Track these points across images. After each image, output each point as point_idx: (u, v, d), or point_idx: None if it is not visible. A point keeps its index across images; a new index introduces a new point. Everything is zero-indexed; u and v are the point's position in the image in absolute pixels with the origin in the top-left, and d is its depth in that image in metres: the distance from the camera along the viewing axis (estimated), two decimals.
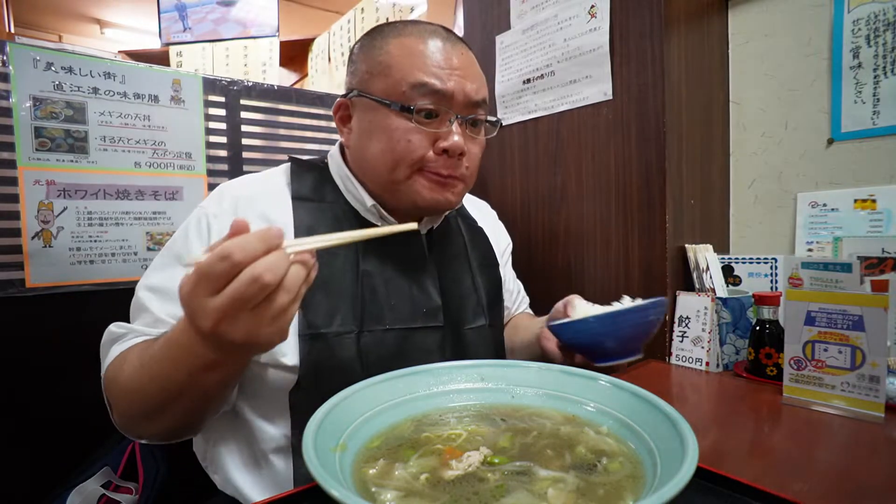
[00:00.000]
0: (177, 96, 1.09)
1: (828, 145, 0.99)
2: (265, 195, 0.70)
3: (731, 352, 0.91)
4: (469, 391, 0.53)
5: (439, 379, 0.53)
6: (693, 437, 0.36)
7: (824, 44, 0.98)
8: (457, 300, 0.75)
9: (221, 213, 0.67)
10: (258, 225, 0.65)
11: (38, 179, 0.94)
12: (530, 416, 0.49)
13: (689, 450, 0.35)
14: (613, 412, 0.47)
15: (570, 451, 0.43)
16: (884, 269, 0.87)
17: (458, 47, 0.69)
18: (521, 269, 1.24)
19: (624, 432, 0.44)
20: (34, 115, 0.93)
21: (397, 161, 0.66)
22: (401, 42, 0.67)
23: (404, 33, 0.68)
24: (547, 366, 0.55)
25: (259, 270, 0.40)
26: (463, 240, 0.82)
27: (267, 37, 2.03)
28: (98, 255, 1.01)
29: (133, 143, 1.04)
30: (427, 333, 0.70)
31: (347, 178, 0.72)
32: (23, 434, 0.95)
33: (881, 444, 0.59)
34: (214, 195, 0.70)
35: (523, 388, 0.53)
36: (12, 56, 0.91)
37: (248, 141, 1.18)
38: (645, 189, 0.98)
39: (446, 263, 0.77)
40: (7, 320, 0.92)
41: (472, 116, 0.68)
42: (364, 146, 0.69)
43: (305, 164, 0.75)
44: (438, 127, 0.66)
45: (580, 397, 0.50)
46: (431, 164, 0.66)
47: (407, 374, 0.52)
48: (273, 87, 1.23)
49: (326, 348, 0.62)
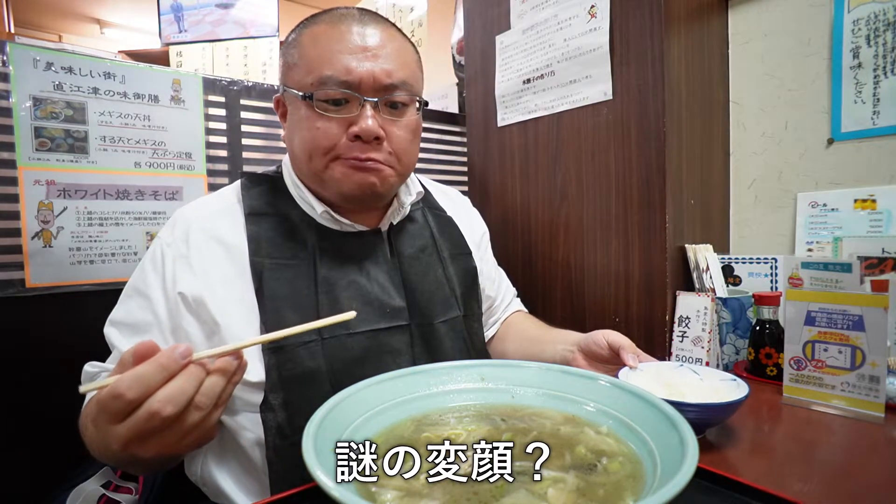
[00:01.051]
0: (177, 96, 1.08)
1: (828, 145, 0.99)
2: (217, 216, 0.69)
3: (731, 352, 0.91)
4: (469, 391, 0.53)
5: (439, 379, 0.53)
6: (693, 437, 0.36)
7: (824, 44, 0.98)
8: (425, 295, 0.73)
9: (174, 242, 0.66)
10: (211, 248, 0.66)
11: (38, 179, 0.94)
12: (530, 416, 0.49)
13: (689, 450, 0.35)
14: (614, 412, 0.47)
15: (570, 451, 0.43)
16: (884, 269, 0.87)
17: (370, 28, 0.66)
18: (520, 269, 1.24)
19: (624, 432, 0.44)
20: (34, 115, 0.93)
21: (311, 150, 0.65)
22: (311, 31, 0.66)
23: (316, 21, 0.67)
24: (547, 366, 0.55)
25: (156, 406, 0.40)
26: (430, 231, 0.80)
27: (267, 37, 2.03)
28: (98, 255, 1.00)
29: (133, 143, 1.04)
30: (392, 333, 0.68)
31: (296, 185, 0.71)
32: (23, 434, 0.95)
33: (881, 444, 0.59)
34: (169, 223, 0.70)
35: (523, 388, 0.53)
36: (12, 56, 0.91)
37: (248, 141, 1.18)
38: (645, 189, 0.98)
39: (412, 258, 0.75)
40: (7, 320, 0.92)
41: (386, 98, 0.65)
42: (292, 139, 0.69)
43: (256, 178, 0.74)
44: (349, 112, 0.64)
45: (580, 397, 0.50)
46: (346, 151, 0.65)
47: (406, 375, 0.52)
48: (273, 86, 1.23)
49: (290, 359, 0.61)
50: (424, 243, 0.78)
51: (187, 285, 0.63)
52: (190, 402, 0.41)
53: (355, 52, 0.64)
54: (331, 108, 0.64)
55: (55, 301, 0.96)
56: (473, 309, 0.82)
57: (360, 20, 0.66)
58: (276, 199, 0.71)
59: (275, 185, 0.73)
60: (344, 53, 0.64)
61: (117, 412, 0.40)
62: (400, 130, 0.68)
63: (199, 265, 0.64)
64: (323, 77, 0.63)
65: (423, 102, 0.71)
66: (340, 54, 0.63)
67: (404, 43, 0.70)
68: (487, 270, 0.92)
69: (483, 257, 0.93)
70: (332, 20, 0.66)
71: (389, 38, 0.67)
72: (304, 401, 0.59)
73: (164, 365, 0.41)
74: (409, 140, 0.70)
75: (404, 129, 0.69)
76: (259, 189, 0.72)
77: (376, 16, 0.69)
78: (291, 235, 0.68)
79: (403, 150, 0.69)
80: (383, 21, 0.69)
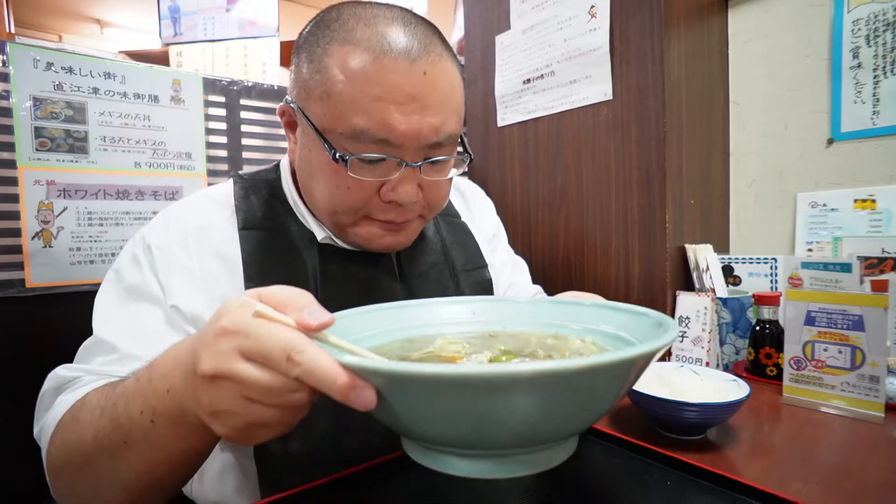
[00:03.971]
0: (177, 96, 1.09)
1: (828, 145, 0.99)
2: (215, 225, 0.61)
3: (731, 352, 0.91)
4: (461, 322, 0.52)
5: (429, 311, 0.52)
6: (675, 323, 0.38)
7: (824, 44, 0.98)
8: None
9: (168, 245, 0.58)
10: (212, 263, 0.58)
11: (38, 179, 0.94)
12: (518, 336, 0.50)
13: (669, 327, 0.37)
14: (600, 329, 0.47)
15: (558, 354, 0.44)
16: (884, 269, 0.87)
17: (420, 61, 0.52)
18: None
19: (609, 341, 0.45)
20: (34, 115, 0.93)
21: (337, 206, 0.57)
22: (343, 57, 0.52)
23: (350, 40, 0.52)
24: (537, 299, 0.55)
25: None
26: (442, 244, 0.74)
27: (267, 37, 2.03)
28: (98, 255, 1.01)
29: (133, 143, 1.04)
30: None
31: (296, 204, 0.64)
32: (23, 434, 0.95)
33: (881, 444, 0.59)
34: (158, 223, 0.61)
35: (515, 318, 0.53)
36: (12, 56, 0.91)
37: (248, 141, 1.18)
38: (645, 189, 0.98)
39: (421, 276, 0.69)
40: (7, 320, 0.92)
41: (429, 159, 0.56)
42: (307, 173, 0.60)
43: (251, 184, 0.65)
44: (385, 174, 0.55)
45: (568, 320, 0.50)
46: (379, 213, 0.57)
47: (395, 307, 0.50)
48: (273, 87, 1.23)
49: None
50: (435, 259, 0.72)
51: (186, 299, 0.56)
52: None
53: (400, 103, 0.51)
54: (365, 166, 0.54)
55: (55, 301, 0.96)
56: None
57: (408, 49, 0.52)
58: (272, 209, 0.63)
59: (272, 192, 0.65)
60: (386, 102, 0.51)
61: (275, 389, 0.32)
62: (439, 184, 0.60)
63: (200, 279, 0.57)
64: (357, 130, 0.52)
65: (470, 158, 0.61)
66: (381, 102, 0.51)
67: (454, 75, 0.57)
68: (500, 262, 0.86)
69: (496, 248, 0.87)
70: (373, 48, 0.51)
71: (441, 75, 0.54)
72: (302, 433, 0.54)
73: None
74: (446, 191, 0.62)
75: (444, 182, 0.61)
76: (256, 197, 0.64)
77: (426, 34, 0.55)
78: (290, 257, 0.61)
79: (439, 200, 0.62)
80: (433, 43, 0.55)
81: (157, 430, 0.38)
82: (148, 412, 0.38)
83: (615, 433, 0.56)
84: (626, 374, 0.33)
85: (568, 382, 0.29)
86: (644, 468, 0.50)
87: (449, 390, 0.29)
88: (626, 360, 0.29)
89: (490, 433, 0.32)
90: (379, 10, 0.55)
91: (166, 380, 0.38)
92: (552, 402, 0.30)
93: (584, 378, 0.29)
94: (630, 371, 0.32)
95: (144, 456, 0.40)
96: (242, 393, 0.32)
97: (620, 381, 0.33)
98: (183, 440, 0.39)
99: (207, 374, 0.32)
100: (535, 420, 0.31)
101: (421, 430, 0.34)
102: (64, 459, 0.45)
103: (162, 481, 0.43)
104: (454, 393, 0.29)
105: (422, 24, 0.56)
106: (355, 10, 0.55)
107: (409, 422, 0.33)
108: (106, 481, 0.42)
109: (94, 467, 0.42)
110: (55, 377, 0.53)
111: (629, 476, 0.49)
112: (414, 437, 0.37)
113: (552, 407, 0.31)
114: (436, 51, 0.54)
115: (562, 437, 0.36)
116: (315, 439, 0.57)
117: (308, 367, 0.30)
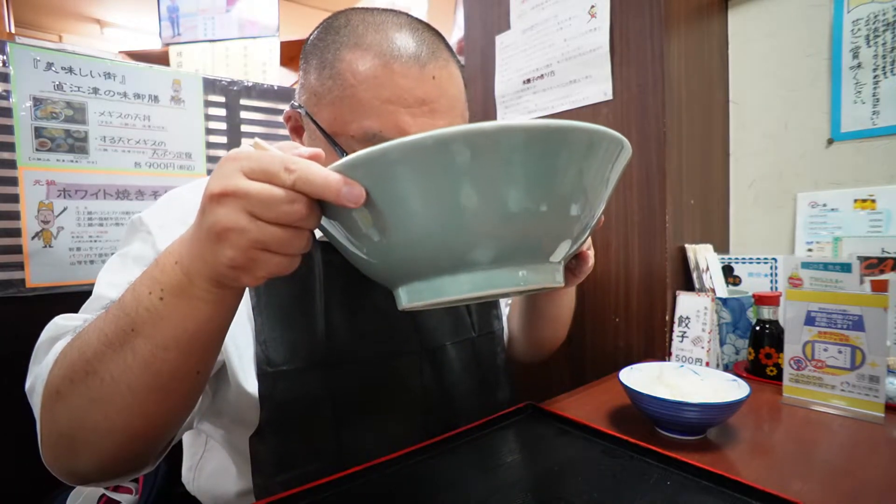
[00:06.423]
0: (177, 96, 1.09)
1: (828, 145, 0.99)
2: None
3: (731, 352, 0.91)
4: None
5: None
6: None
7: (824, 44, 0.98)
8: (435, 318, 0.69)
9: (169, 224, 0.56)
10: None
11: (38, 179, 0.94)
12: None
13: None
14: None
15: None
16: (884, 269, 0.87)
17: (429, 67, 0.53)
18: None
19: None
20: (34, 115, 0.93)
21: None
22: (355, 60, 0.53)
23: (361, 45, 0.53)
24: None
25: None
26: None
27: (267, 37, 2.03)
28: (98, 255, 1.01)
29: (133, 143, 1.04)
30: (400, 360, 0.65)
31: None
32: (23, 434, 0.95)
33: (881, 444, 0.59)
34: (160, 204, 0.61)
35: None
36: (12, 56, 0.91)
37: (249, 141, 1.18)
38: (645, 189, 0.98)
39: None
40: (7, 320, 0.92)
41: None
42: None
43: None
44: None
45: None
46: None
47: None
48: (273, 87, 1.23)
49: (290, 385, 0.56)
50: None
51: None
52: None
53: (410, 106, 0.53)
54: None
55: (55, 301, 0.96)
56: (492, 326, 0.77)
57: (417, 54, 0.53)
58: None
59: None
60: (397, 105, 0.52)
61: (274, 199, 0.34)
62: None
63: None
64: (368, 133, 0.53)
65: None
66: (391, 105, 0.52)
67: (460, 80, 0.60)
68: None
69: None
70: (383, 53, 0.53)
71: (449, 79, 0.56)
72: (301, 433, 0.56)
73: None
74: None
75: None
76: None
77: (433, 40, 0.57)
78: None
79: None
80: (440, 49, 0.56)
81: (165, 307, 0.39)
82: (157, 290, 0.39)
83: (615, 433, 0.56)
84: (565, 150, 0.33)
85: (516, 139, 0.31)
86: (644, 468, 0.50)
87: (420, 158, 0.31)
88: (562, 127, 0.32)
89: (467, 224, 0.33)
90: (386, 16, 0.56)
91: (173, 254, 0.39)
92: (513, 170, 0.32)
93: (516, 137, 0.31)
94: (569, 149, 0.33)
95: (152, 341, 0.39)
96: (246, 208, 0.34)
97: (562, 161, 0.34)
98: (190, 319, 0.39)
99: (215, 193, 0.35)
100: (504, 198, 0.33)
101: (407, 235, 0.35)
102: (65, 376, 0.43)
103: (166, 383, 0.41)
104: (425, 162, 0.31)
105: (428, 31, 0.58)
106: (364, 17, 0.56)
107: (394, 225, 0.34)
108: (108, 386, 0.40)
109: (96, 374, 0.41)
110: (53, 326, 0.54)
111: (629, 476, 0.49)
112: (402, 264, 0.38)
113: (514, 174, 0.32)
114: (443, 56, 0.56)
115: (538, 247, 0.37)
116: (314, 437, 0.57)
117: (303, 173, 0.33)
